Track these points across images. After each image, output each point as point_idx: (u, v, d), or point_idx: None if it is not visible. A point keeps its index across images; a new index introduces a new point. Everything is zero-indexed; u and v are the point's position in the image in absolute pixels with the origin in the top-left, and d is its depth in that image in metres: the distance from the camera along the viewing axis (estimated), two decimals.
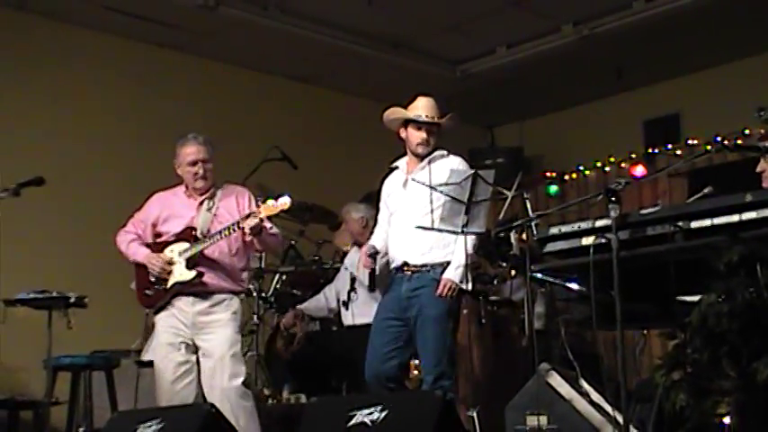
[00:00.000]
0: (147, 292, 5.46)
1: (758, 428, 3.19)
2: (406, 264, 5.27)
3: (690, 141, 9.02)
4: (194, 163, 5.55)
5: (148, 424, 4.83)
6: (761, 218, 3.55)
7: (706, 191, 4.36)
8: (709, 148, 7.48)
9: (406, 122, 5.36)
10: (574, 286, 4.58)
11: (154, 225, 5.58)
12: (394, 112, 5.40)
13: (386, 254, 5.37)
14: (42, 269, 6.97)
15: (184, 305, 5.41)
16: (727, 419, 3.24)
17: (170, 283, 5.42)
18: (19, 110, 7.60)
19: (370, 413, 4.18)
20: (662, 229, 3.81)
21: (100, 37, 8.13)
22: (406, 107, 5.39)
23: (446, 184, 5.02)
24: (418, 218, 5.19)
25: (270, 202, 5.29)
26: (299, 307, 6.79)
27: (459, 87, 9.43)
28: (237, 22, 8.01)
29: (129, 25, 8.08)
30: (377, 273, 5.31)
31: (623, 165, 9.56)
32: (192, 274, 5.38)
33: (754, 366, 3.20)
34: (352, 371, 6.12)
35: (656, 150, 9.32)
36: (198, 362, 5.40)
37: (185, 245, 5.43)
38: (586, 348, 6.16)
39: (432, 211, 5.12)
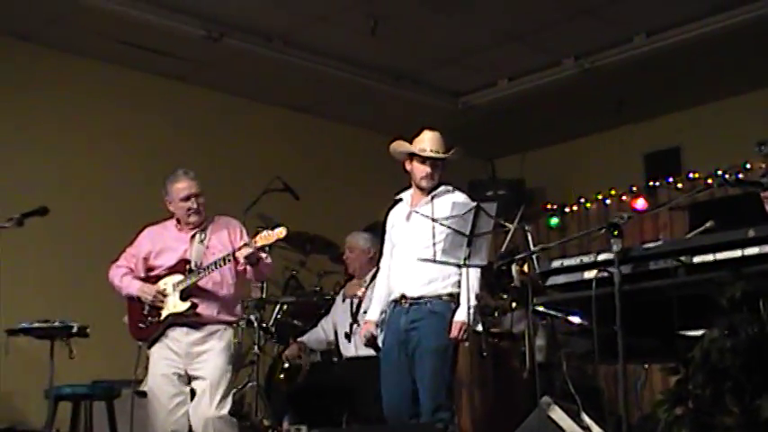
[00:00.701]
0: (141, 325, 5.49)
1: None
2: (403, 296, 5.28)
3: (691, 175, 9.05)
4: (188, 198, 5.58)
5: None
6: (763, 253, 3.56)
7: (707, 225, 4.38)
8: (710, 182, 7.50)
9: (412, 156, 5.38)
10: (576, 320, 4.59)
11: (146, 259, 5.62)
12: (400, 145, 5.43)
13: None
14: (44, 299, 6.97)
15: (178, 335, 5.45)
16: None
17: (164, 315, 5.45)
18: (22, 140, 7.63)
19: None
20: (664, 263, 3.83)
21: (103, 66, 8.15)
22: (412, 140, 5.42)
23: (449, 217, 5.03)
24: (420, 250, 5.21)
25: (265, 232, 5.34)
26: (300, 339, 6.78)
27: (461, 119, 9.46)
28: (241, 53, 8.05)
29: (132, 55, 8.11)
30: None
31: (624, 197, 9.59)
32: (187, 305, 5.42)
33: (758, 403, 3.20)
34: (354, 402, 6.12)
35: (657, 183, 9.35)
36: (192, 391, 5.42)
37: (179, 277, 5.48)
38: (587, 382, 6.15)
39: (434, 243, 5.13)
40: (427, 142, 5.37)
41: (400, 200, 5.53)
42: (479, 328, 5.20)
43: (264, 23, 7.83)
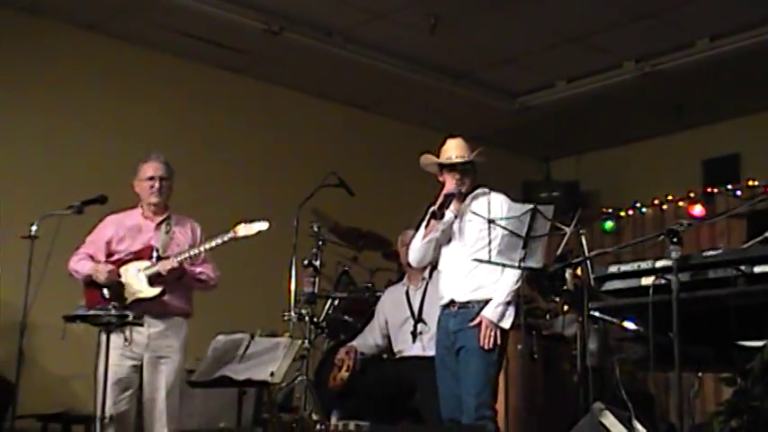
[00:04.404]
0: (108, 307, 5.48)
1: None
2: (452, 301, 5.30)
3: (750, 183, 8.93)
4: (152, 178, 5.67)
5: None
6: None
7: (767, 234, 4.32)
8: None
9: (441, 167, 5.38)
10: (630, 325, 4.55)
11: (108, 243, 5.63)
12: (427, 159, 5.42)
13: None
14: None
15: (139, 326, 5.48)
16: None
17: (129, 300, 5.48)
18: (83, 128, 7.75)
19: None
20: (724, 272, 3.77)
21: (163, 57, 8.26)
22: (438, 152, 5.40)
23: (506, 218, 5.01)
24: (468, 252, 5.19)
25: (244, 224, 5.46)
26: (351, 344, 6.78)
27: (518, 120, 9.43)
28: (300, 47, 8.09)
29: (192, 47, 8.19)
30: None
31: (681, 203, 9.49)
32: (157, 290, 5.47)
33: None
34: (410, 401, 6.13)
35: (716, 190, 9.24)
36: (141, 379, 5.52)
37: (146, 263, 5.51)
38: (639, 388, 6.11)
39: (489, 243, 5.10)
40: (452, 150, 5.35)
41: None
42: (507, 325, 5.13)
43: (325, 18, 7.86)
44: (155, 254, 5.53)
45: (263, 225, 5.49)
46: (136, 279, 5.50)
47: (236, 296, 6.00)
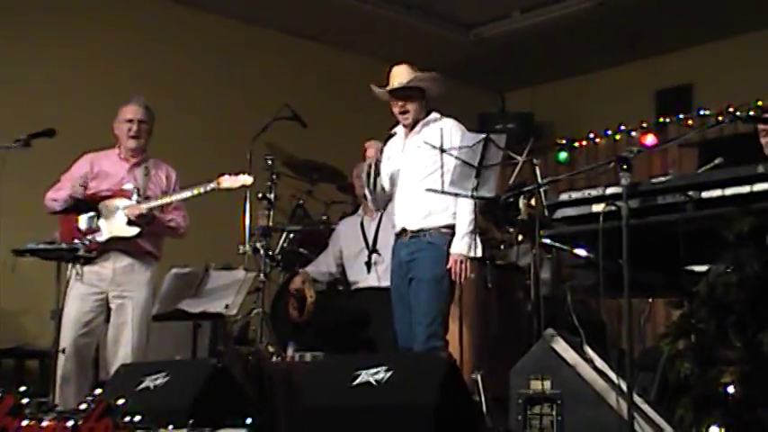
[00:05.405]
0: (77, 241, 5.49)
1: (762, 398, 3.20)
2: (404, 229, 5.31)
3: (701, 112, 8.99)
4: (131, 120, 5.69)
5: (154, 377, 4.87)
6: None
7: (716, 161, 4.36)
8: (720, 118, 7.45)
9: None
10: (582, 253, 4.58)
11: (83, 179, 5.64)
12: (373, 89, 5.38)
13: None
14: (52, 220, 6.97)
15: (105, 260, 5.54)
16: (731, 389, 3.25)
17: (106, 236, 5.51)
18: (26, 61, 7.63)
19: (375, 373, 4.21)
20: (673, 198, 3.81)
21: None
22: (386, 81, 5.34)
23: (458, 148, 5.00)
24: (419, 181, 5.18)
25: (229, 176, 5.54)
26: (304, 270, 6.77)
27: (472, 51, 9.39)
28: None
29: None
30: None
31: (634, 134, 9.55)
32: (134, 230, 5.50)
33: (760, 337, 3.21)
34: (366, 332, 6.16)
35: (668, 120, 9.29)
36: (107, 312, 5.59)
37: (126, 201, 5.53)
38: (591, 315, 6.17)
39: (441, 174, 5.10)
40: (395, 77, 5.31)
41: (394, 134, 5.47)
42: (478, 254, 5.16)
43: None
44: (134, 195, 5.51)
45: (248, 179, 5.57)
46: (114, 216, 5.48)
47: (190, 230, 5.97)
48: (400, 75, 5.30)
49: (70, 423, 3.95)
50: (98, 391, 4.99)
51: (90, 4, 8.00)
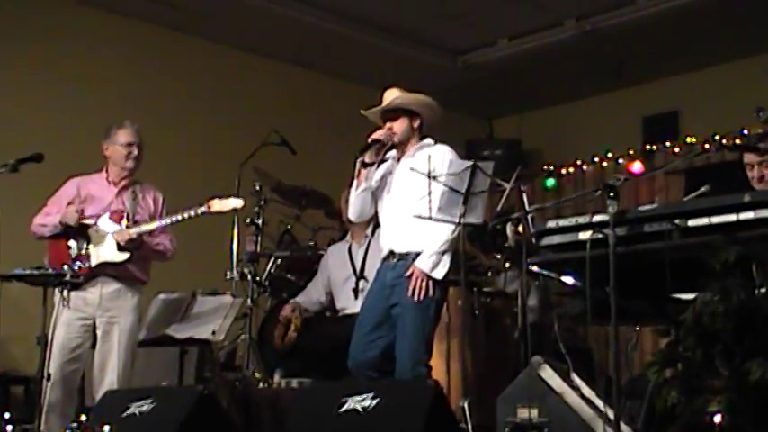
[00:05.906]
0: (66, 267, 5.48)
1: (749, 427, 3.21)
2: (392, 252, 5.26)
3: (688, 139, 9.04)
4: (130, 144, 5.73)
5: (140, 403, 4.86)
6: (758, 218, 3.56)
7: (703, 189, 4.39)
8: (707, 146, 7.49)
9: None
10: (569, 280, 4.59)
11: (70, 204, 5.64)
12: (365, 113, 5.42)
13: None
14: (40, 246, 6.96)
15: (93, 285, 5.53)
16: (717, 418, 3.26)
17: (95, 262, 5.50)
18: (17, 88, 7.62)
19: (362, 400, 4.21)
20: (659, 226, 3.82)
21: (101, 15, 8.13)
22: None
23: (445, 175, 5.01)
24: (408, 206, 5.16)
25: (218, 200, 5.54)
26: (295, 300, 6.76)
27: (460, 78, 9.43)
28: (240, 4, 8.00)
29: (130, 4, 8.06)
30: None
31: (621, 160, 9.59)
32: (125, 256, 5.51)
33: (747, 366, 3.22)
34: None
35: (654, 147, 9.34)
36: (94, 338, 5.58)
37: (115, 226, 5.52)
38: (578, 343, 6.19)
39: (429, 201, 5.08)
40: (384, 100, 5.34)
41: (387, 159, 5.47)
42: (439, 275, 5.10)
43: None
44: (123, 220, 5.52)
45: (239, 203, 5.58)
46: (104, 242, 5.49)
47: (177, 255, 5.96)
48: (389, 96, 5.34)
49: None
50: (83, 417, 4.97)
51: (78, 29, 8.00)
